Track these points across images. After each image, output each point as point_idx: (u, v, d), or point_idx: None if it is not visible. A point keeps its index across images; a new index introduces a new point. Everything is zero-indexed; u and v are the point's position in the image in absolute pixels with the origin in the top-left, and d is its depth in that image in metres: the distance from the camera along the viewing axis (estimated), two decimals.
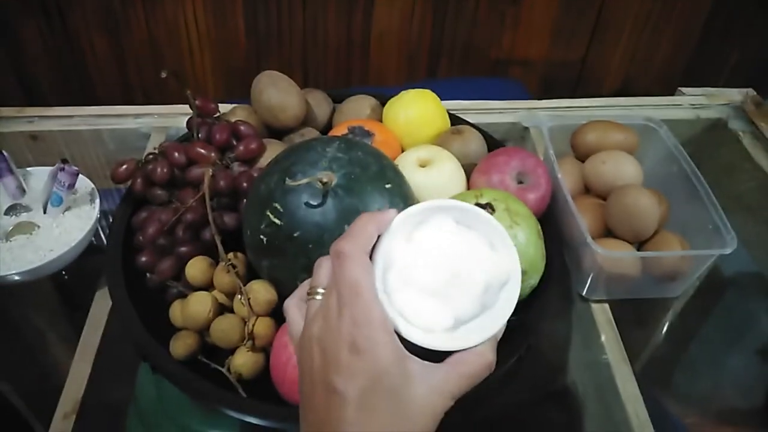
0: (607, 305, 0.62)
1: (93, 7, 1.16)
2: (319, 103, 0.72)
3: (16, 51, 1.21)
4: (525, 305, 0.55)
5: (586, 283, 0.61)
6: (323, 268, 0.37)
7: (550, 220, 0.62)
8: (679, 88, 0.89)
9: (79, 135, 0.79)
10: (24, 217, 0.60)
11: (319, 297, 0.36)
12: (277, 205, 0.49)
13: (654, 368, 0.62)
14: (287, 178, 0.47)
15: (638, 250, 0.61)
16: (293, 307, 0.38)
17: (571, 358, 0.62)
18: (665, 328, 0.65)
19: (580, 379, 0.61)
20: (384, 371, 0.32)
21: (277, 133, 0.68)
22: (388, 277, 0.36)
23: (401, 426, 0.32)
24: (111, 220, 0.62)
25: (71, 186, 0.60)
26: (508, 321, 0.38)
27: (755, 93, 0.88)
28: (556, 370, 0.62)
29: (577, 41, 1.32)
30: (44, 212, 0.61)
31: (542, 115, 0.80)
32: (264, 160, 0.62)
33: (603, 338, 0.60)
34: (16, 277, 0.55)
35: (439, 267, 0.36)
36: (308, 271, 0.48)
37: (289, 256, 0.49)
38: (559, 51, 1.33)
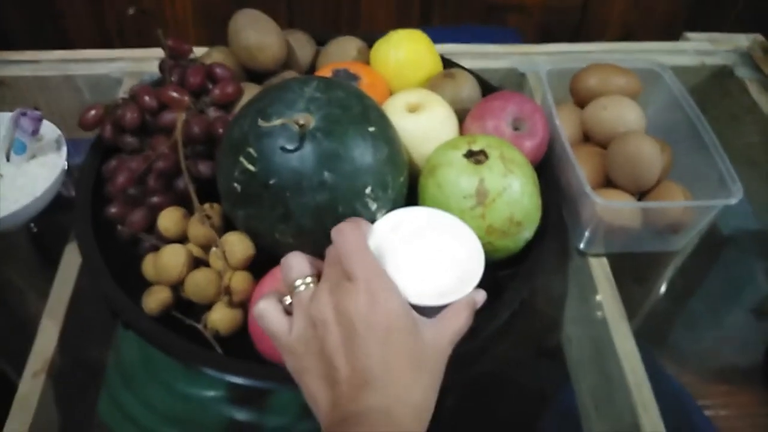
0: (605, 259, 0.59)
1: None
2: (302, 45, 0.67)
3: None
4: (519, 258, 0.53)
5: (584, 236, 0.58)
6: (295, 261, 0.39)
7: (547, 170, 0.59)
8: (684, 33, 0.85)
9: (49, 81, 0.74)
10: None
11: (309, 283, 0.38)
12: (251, 149, 0.45)
13: (652, 325, 0.60)
14: (261, 120, 0.43)
15: (639, 200, 0.58)
16: (271, 309, 0.38)
17: (567, 314, 0.60)
18: (665, 284, 0.63)
19: (576, 336, 0.59)
20: (399, 314, 0.36)
21: (256, 76, 0.64)
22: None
23: (421, 362, 0.36)
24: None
25: (35, 132, 0.55)
26: (501, 275, 0.46)
27: (763, 38, 0.84)
28: (551, 327, 0.60)
29: None
30: (7, 160, 0.57)
31: (540, 59, 0.76)
32: (241, 105, 0.58)
33: (600, 294, 0.57)
34: None
35: (420, 254, 0.43)
36: (286, 222, 0.45)
37: (266, 205, 0.45)
38: None
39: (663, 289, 0.63)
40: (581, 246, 0.59)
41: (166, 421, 0.50)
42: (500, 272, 0.52)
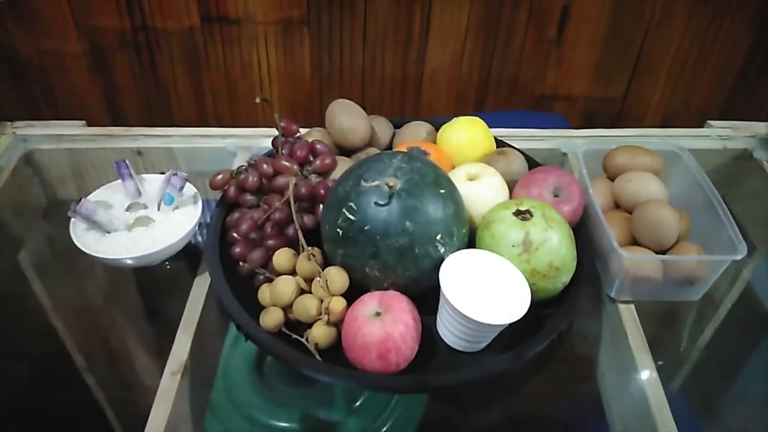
0: (632, 306, 0.70)
1: (178, 45, 1.33)
2: (382, 128, 0.83)
3: (109, 81, 1.38)
4: (558, 299, 0.65)
5: (613, 285, 0.69)
6: None
7: (583, 230, 0.71)
8: (708, 121, 0.97)
9: (175, 152, 0.93)
10: (142, 213, 0.73)
11: None
12: (352, 204, 0.60)
13: (675, 363, 0.69)
14: (361, 181, 0.58)
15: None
16: None
17: (602, 354, 0.70)
18: (687, 329, 0.73)
19: (609, 374, 0.69)
20: None
21: (346, 152, 0.80)
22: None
23: None
24: (206, 224, 0.74)
25: (181, 189, 0.72)
26: (545, 311, 0.63)
27: None
28: (588, 366, 0.70)
29: (617, 79, 1.40)
30: (158, 209, 0.73)
31: (579, 141, 0.90)
32: (336, 174, 0.74)
33: (629, 336, 0.68)
34: (131, 261, 0.68)
35: (480, 285, 0.59)
36: (375, 259, 0.59)
37: (360, 246, 0.59)
38: (600, 88, 1.41)
39: (687, 332, 0.73)
40: (612, 294, 0.70)
41: None
42: (543, 310, 0.64)
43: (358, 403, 0.63)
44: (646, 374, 0.64)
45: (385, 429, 0.62)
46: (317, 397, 0.64)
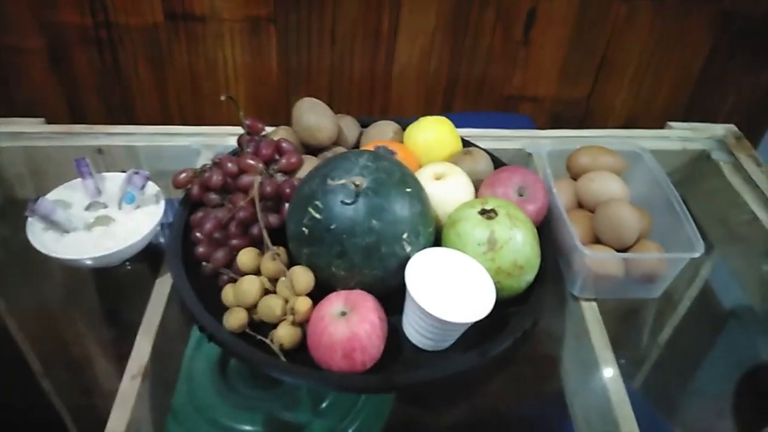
0: (595, 303, 0.71)
1: (141, 42, 1.30)
2: (349, 127, 0.83)
3: (69, 77, 1.35)
4: (522, 297, 0.65)
5: (576, 283, 0.70)
6: None
7: (547, 229, 0.72)
8: (668, 123, 0.99)
9: (138, 150, 0.91)
10: (102, 212, 0.72)
11: None
12: (318, 202, 0.59)
13: (636, 360, 0.71)
14: (328, 180, 0.58)
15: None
16: None
17: (565, 350, 0.71)
18: (648, 326, 0.74)
19: (572, 369, 0.70)
20: None
21: (313, 151, 0.79)
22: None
23: None
24: (169, 223, 0.73)
25: (143, 187, 0.71)
26: (510, 309, 0.64)
27: (736, 128, 0.98)
28: (551, 363, 0.71)
29: (583, 80, 1.43)
30: (119, 208, 0.72)
31: (543, 142, 0.91)
32: (302, 173, 0.73)
33: (591, 332, 0.69)
34: (90, 262, 0.66)
35: (445, 283, 0.59)
36: (341, 258, 0.59)
37: (326, 245, 0.59)
38: (566, 89, 1.44)
39: (648, 328, 0.74)
40: (575, 291, 0.71)
41: None
42: (508, 309, 0.65)
43: (324, 405, 0.63)
44: (608, 371, 0.65)
45: (351, 430, 0.62)
46: (282, 400, 0.64)
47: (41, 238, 0.67)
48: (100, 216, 0.71)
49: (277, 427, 0.62)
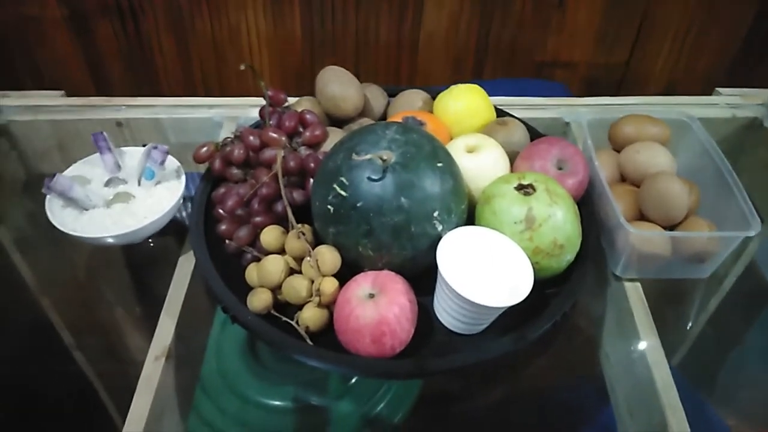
0: (639, 284, 0.67)
1: (163, 11, 1.27)
2: (376, 96, 0.79)
3: (92, 48, 1.33)
4: (562, 278, 0.61)
5: (619, 263, 0.66)
6: None
7: (587, 205, 0.68)
8: (716, 89, 0.93)
9: (159, 123, 0.88)
10: (121, 188, 0.69)
11: None
12: (343, 179, 0.56)
13: (683, 345, 0.67)
14: (353, 155, 0.54)
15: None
16: None
17: (606, 333, 0.68)
18: (696, 308, 0.70)
19: (614, 352, 0.66)
20: None
21: (338, 122, 0.76)
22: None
23: None
24: (191, 198, 0.70)
25: (162, 162, 0.68)
26: (548, 290, 0.60)
27: None
28: (592, 345, 0.68)
29: (620, 45, 1.36)
30: (138, 185, 0.69)
31: (583, 110, 0.86)
32: (326, 146, 0.70)
33: (635, 314, 0.65)
34: (111, 240, 0.64)
35: (480, 265, 0.56)
36: (368, 237, 0.56)
37: (353, 224, 0.56)
38: (603, 54, 1.37)
39: (695, 312, 0.70)
40: (617, 271, 0.67)
41: (240, 426, 0.59)
42: (546, 290, 0.61)
43: (352, 381, 0.61)
44: (653, 355, 0.61)
45: (380, 407, 0.60)
46: (310, 375, 0.62)
47: (60, 215, 0.65)
48: (120, 192, 0.69)
49: (304, 403, 0.60)
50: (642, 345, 0.62)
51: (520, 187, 0.60)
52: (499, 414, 0.63)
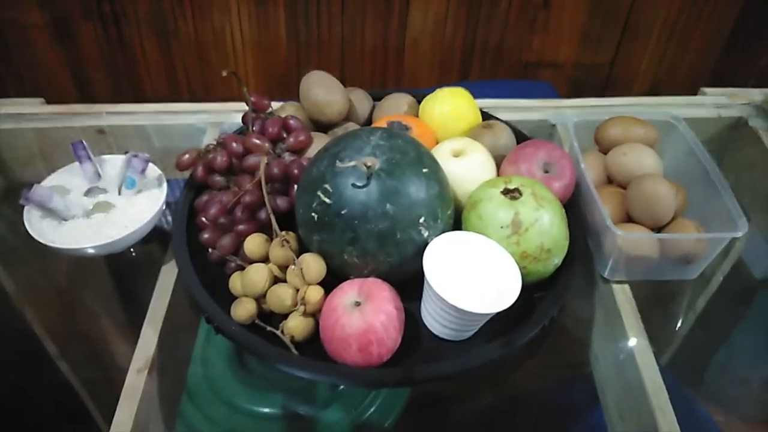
0: (627, 286, 0.66)
1: (146, 15, 1.25)
2: (360, 101, 0.78)
3: (74, 53, 1.31)
4: (549, 281, 0.61)
5: (607, 265, 0.65)
6: None
7: (575, 207, 0.67)
8: (702, 89, 0.93)
9: (143, 129, 0.87)
10: (101, 198, 0.68)
11: None
12: (327, 186, 0.55)
13: (672, 346, 0.67)
14: (337, 162, 0.53)
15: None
16: None
17: (595, 335, 0.67)
18: (684, 309, 0.70)
19: (603, 355, 0.66)
20: None
21: (323, 127, 0.75)
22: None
23: None
24: (173, 205, 0.69)
25: (143, 171, 0.67)
26: (536, 294, 0.59)
27: None
28: (581, 347, 0.67)
29: (605, 45, 1.36)
30: (119, 194, 0.68)
31: (569, 112, 0.85)
32: (311, 151, 0.69)
33: (623, 317, 0.64)
34: (92, 251, 0.63)
35: (467, 271, 0.55)
36: (353, 245, 0.55)
37: (337, 231, 0.55)
38: (588, 54, 1.37)
39: (684, 313, 0.70)
40: (605, 274, 0.67)
41: None
42: (534, 294, 0.60)
43: (340, 388, 0.61)
44: (642, 356, 0.61)
45: (369, 413, 0.60)
46: (299, 383, 0.61)
47: (39, 226, 0.64)
48: (100, 202, 0.67)
49: (293, 410, 0.60)
50: (631, 346, 0.62)
51: (507, 192, 0.59)
52: (490, 417, 0.63)
